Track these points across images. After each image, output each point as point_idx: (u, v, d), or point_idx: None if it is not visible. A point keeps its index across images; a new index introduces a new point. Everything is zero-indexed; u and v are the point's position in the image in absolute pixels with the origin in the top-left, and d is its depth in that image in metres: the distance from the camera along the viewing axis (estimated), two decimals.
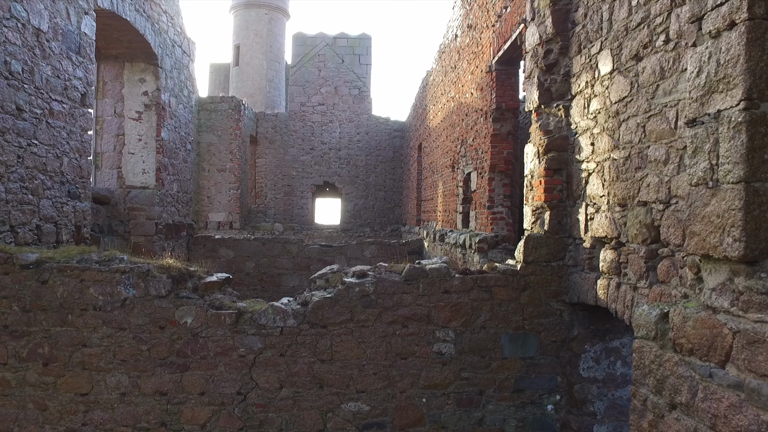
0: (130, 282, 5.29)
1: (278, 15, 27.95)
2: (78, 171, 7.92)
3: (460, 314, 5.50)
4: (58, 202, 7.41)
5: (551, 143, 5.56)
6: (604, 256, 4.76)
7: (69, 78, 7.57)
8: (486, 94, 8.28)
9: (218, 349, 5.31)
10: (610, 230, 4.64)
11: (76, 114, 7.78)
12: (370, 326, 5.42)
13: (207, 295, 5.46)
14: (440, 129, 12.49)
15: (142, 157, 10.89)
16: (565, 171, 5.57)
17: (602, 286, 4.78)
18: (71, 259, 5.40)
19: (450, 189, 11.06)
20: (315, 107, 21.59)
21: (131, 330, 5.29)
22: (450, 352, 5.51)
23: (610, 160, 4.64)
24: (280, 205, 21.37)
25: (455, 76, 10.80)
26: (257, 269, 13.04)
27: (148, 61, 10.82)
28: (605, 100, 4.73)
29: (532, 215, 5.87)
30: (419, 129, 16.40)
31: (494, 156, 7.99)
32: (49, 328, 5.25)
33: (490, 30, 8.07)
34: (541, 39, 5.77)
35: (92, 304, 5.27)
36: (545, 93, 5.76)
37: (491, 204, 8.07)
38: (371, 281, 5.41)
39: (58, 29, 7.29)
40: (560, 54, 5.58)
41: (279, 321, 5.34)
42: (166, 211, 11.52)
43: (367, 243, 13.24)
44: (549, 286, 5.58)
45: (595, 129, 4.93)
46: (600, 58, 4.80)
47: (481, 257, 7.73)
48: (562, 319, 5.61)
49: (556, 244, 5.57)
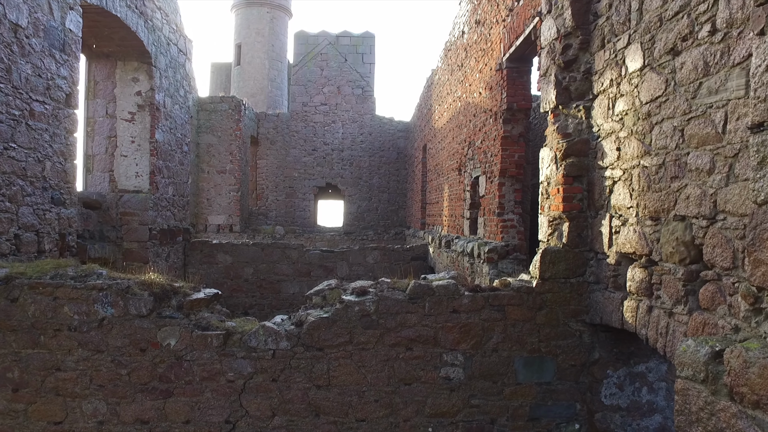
0: (108, 300, 4.82)
1: (280, 13, 27.46)
2: (62, 176, 7.45)
3: (469, 336, 5.00)
4: (39, 209, 6.94)
5: (570, 147, 5.06)
6: (632, 275, 4.26)
7: (52, 77, 7.10)
8: (496, 93, 7.78)
9: (204, 373, 4.84)
10: (639, 246, 4.14)
11: (60, 115, 7.31)
12: (371, 349, 4.93)
13: (193, 313, 4.98)
14: (446, 130, 11.98)
15: (135, 159, 10.42)
16: (586, 178, 5.07)
17: (630, 308, 4.28)
18: (44, 274, 4.93)
19: (456, 193, 10.56)
20: (317, 107, 21.08)
21: (109, 352, 4.82)
22: (459, 377, 5.01)
23: (640, 168, 4.15)
24: (281, 208, 20.87)
25: (462, 75, 10.30)
26: (256, 275, 12.57)
27: (142, 59, 10.34)
28: (634, 100, 4.23)
29: (548, 226, 5.37)
30: (424, 130, 15.89)
31: (505, 160, 7.48)
32: (20, 350, 4.79)
33: (501, 25, 7.57)
34: (558, 33, 5.27)
35: (67, 324, 4.80)
36: (563, 92, 5.26)
37: (501, 211, 7.57)
38: (372, 299, 4.91)
39: (39, 25, 6.82)
40: (580, 49, 5.09)
41: (271, 343, 4.85)
42: (161, 215, 11.05)
43: (369, 248, 12.75)
44: (568, 304, 5.08)
45: (622, 132, 4.43)
46: (628, 54, 4.30)
47: (490, 268, 7.22)
48: (582, 341, 5.11)
49: (576, 259, 5.07)
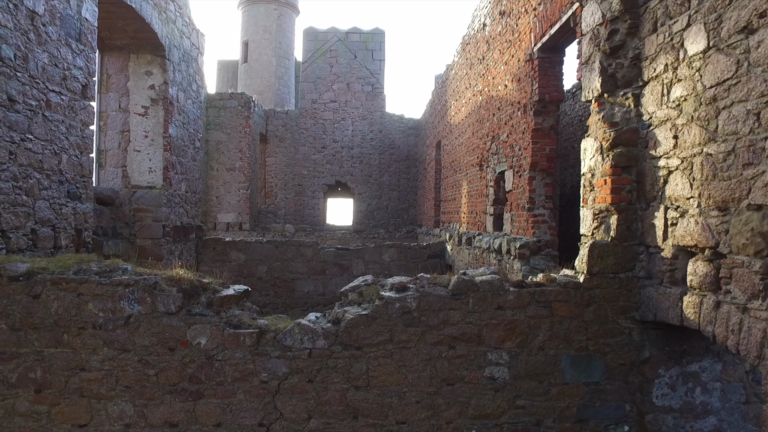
0: (134, 296, 4.58)
1: (287, 10, 27.23)
2: (78, 169, 7.22)
3: (515, 333, 4.76)
4: (56, 203, 6.71)
5: (619, 137, 4.81)
6: (694, 269, 4.01)
7: (68, 67, 6.87)
8: (525, 85, 7.53)
9: (237, 374, 4.60)
10: (702, 238, 3.90)
11: (76, 107, 7.08)
12: (412, 348, 4.69)
13: (223, 311, 4.74)
14: (464, 125, 11.74)
15: (148, 154, 10.18)
16: (635, 168, 4.82)
17: (692, 303, 4.03)
18: (67, 269, 4.69)
19: (477, 189, 10.31)
20: (327, 104, 20.82)
21: (136, 352, 4.58)
22: (503, 376, 4.77)
23: (703, 156, 3.90)
24: (290, 206, 20.63)
25: (483, 69, 10.05)
26: (270, 274, 12.34)
27: (155, 52, 10.11)
28: (695, 85, 3.99)
29: (593, 219, 5.13)
30: (438, 126, 15.64)
31: (535, 153, 7.24)
32: (42, 349, 4.55)
33: (531, 14, 7.32)
34: (604, 18, 5.03)
35: (91, 321, 4.56)
36: (609, 80, 5.02)
37: (532, 205, 7.32)
38: (414, 296, 4.67)
39: (56, 13, 6.59)
40: (628, 34, 4.84)
41: (307, 342, 4.62)
42: (174, 212, 10.82)
43: (385, 246, 12.51)
44: (616, 300, 4.83)
45: (679, 119, 4.19)
46: (688, 36, 4.06)
47: (522, 264, 6.98)
48: (632, 339, 4.87)
49: (625, 253, 4.83)
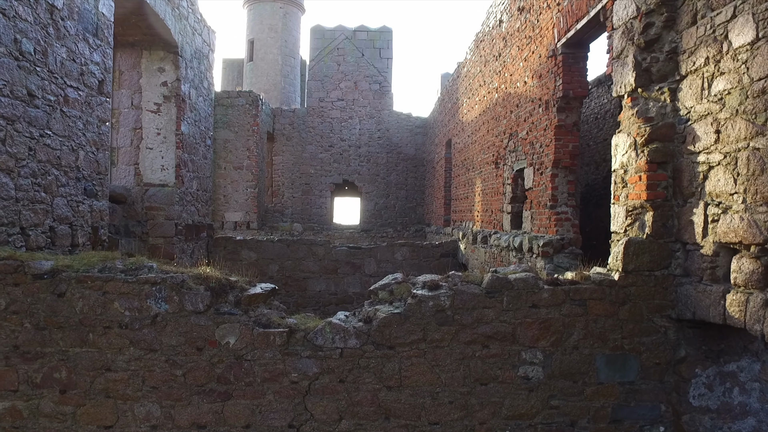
0: (161, 295, 4.49)
1: (293, 9, 27.13)
2: (95, 166, 7.13)
3: (549, 332, 4.66)
4: (73, 200, 6.62)
5: (654, 132, 4.71)
6: (739, 266, 3.92)
7: (85, 62, 6.78)
8: (547, 81, 7.43)
9: (266, 374, 4.50)
10: (748, 235, 3.80)
11: (93, 102, 6.99)
12: (445, 347, 4.59)
13: (251, 309, 4.64)
14: (478, 123, 11.63)
15: (160, 152, 10.09)
16: (671, 164, 4.72)
17: (736, 302, 3.94)
18: (92, 267, 4.60)
19: (493, 187, 10.21)
20: (334, 103, 20.72)
21: (163, 351, 4.49)
22: (538, 376, 4.67)
23: (750, 150, 3.80)
24: (297, 205, 20.53)
25: (500, 65, 9.95)
26: (281, 272, 12.24)
27: (168, 49, 10.01)
28: (741, 78, 3.89)
29: (626, 216, 5.03)
30: (448, 124, 15.53)
31: (558, 150, 7.14)
32: (67, 348, 4.45)
33: (554, 10, 7.22)
34: (638, 11, 4.93)
35: (117, 320, 4.47)
36: (643, 74, 4.92)
37: (554, 203, 7.22)
38: (447, 294, 4.58)
39: (74, 7, 6.50)
40: (664, 28, 4.74)
41: (339, 341, 4.52)
42: (186, 210, 10.73)
43: (398, 245, 12.41)
44: (652, 299, 4.73)
45: (722, 113, 4.08)
46: (733, 27, 3.96)
47: (546, 263, 6.88)
48: (667, 338, 4.77)
49: (661, 250, 4.73)
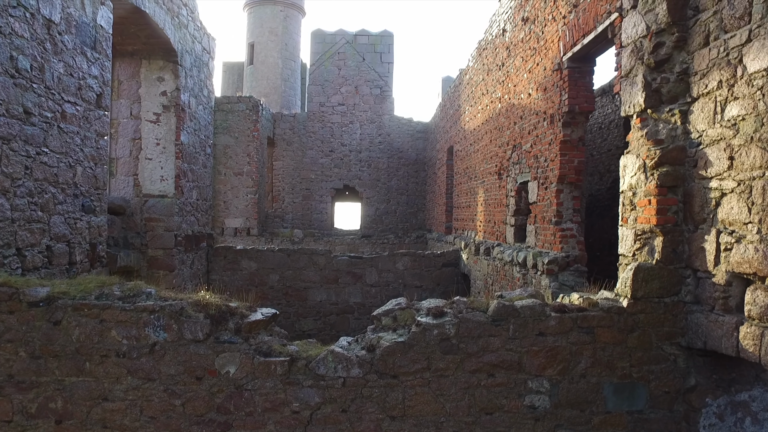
0: (160, 323, 4.38)
1: (294, 12, 27.01)
2: (93, 181, 7.02)
3: (556, 360, 4.56)
4: (70, 217, 6.51)
5: (665, 155, 4.60)
6: (753, 298, 3.81)
7: (83, 76, 6.67)
8: (552, 95, 7.32)
9: (267, 404, 4.39)
10: (763, 267, 3.69)
11: (90, 117, 6.88)
12: (450, 376, 4.49)
13: (252, 337, 4.53)
14: (481, 132, 11.52)
15: (160, 162, 9.98)
16: (682, 188, 4.61)
17: (750, 335, 3.83)
18: (89, 294, 4.49)
19: (496, 198, 10.11)
20: (335, 107, 20.60)
21: (162, 381, 4.38)
22: (544, 405, 4.57)
23: (765, 180, 3.69)
24: (298, 210, 20.42)
25: (503, 75, 9.84)
26: (282, 282, 12.14)
27: (167, 58, 9.91)
28: (756, 104, 3.78)
29: (635, 240, 4.92)
30: (450, 131, 15.43)
31: (563, 165, 7.03)
32: (63, 378, 4.35)
33: (559, 22, 7.11)
34: (648, 30, 4.82)
35: (114, 349, 4.36)
36: (653, 95, 4.81)
37: (559, 219, 7.11)
38: (452, 322, 4.47)
39: (72, 21, 6.39)
40: (675, 48, 4.63)
41: (341, 370, 4.41)
42: (186, 221, 10.62)
43: (399, 255, 12.30)
44: (661, 326, 4.63)
45: (736, 139, 3.98)
46: (748, 52, 3.85)
47: (551, 281, 6.78)
48: (677, 366, 4.66)
49: (671, 277, 4.62)
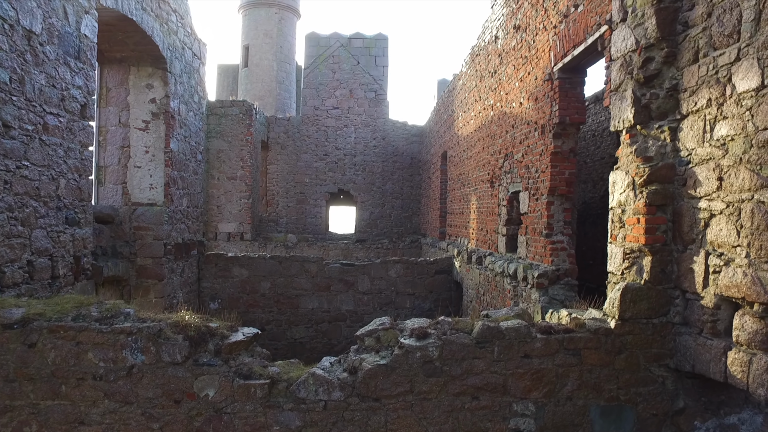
0: (137, 346, 4.28)
1: (288, 14, 26.89)
2: (77, 193, 6.92)
3: (542, 383, 4.47)
4: (53, 231, 6.41)
5: (654, 173, 4.52)
6: (741, 324, 3.73)
7: (66, 87, 6.57)
8: (543, 105, 7.24)
9: (247, 427, 4.30)
10: (752, 292, 3.61)
11: (74, 128, 6.78)
12: (433, 398, 4.40)
13: (232, 358, 4.44)
14: (474, 139, 11.44)
15: (149, 170, 9.87)
16: (671, 207, 4.53)
17: (738, 361, 3.75)
18: (65, 315, 4.39)
19: (488, 207, 10.02)
20: (329, 111, 20.50)
21: (139, 404, 4.29)
22: (530, 428, 4.48)
23: (754, 203, 3.61)
24: (292, 214, 20.31)
25: (495, 83, 9.75)
26: (273, 290, 12.04)
27: (156, 65, 9.80)
28: (745, 125, 3.69)
29: (624, 259, 4.83)
30: (444, 136, 15.34)
31: (554, 177, 6.94)
32: (38, 401, 4.25)
33: (550, 32, 7.02)
34: (638, 44, 4.73)
35: (91, 372, 4.26)
36: (642, 110, 4.72)
37: (550, 232, 7.02)
38: (436, 344, 4.38)
39: (54, 31, 6.29)
40: (664, 63, 4.55)
41: (322, 393, 4.32)
42: (176, 229, 10.51)
43: (392, 262, 12.20)
44: (650, 347, 4.55)
45: (725, 160, 3.89)
46: (737, 71, 3.77)
47: (541, 294, 6.69)
48: (665, 388, 4.58)
49: (659, 297, 4.54)
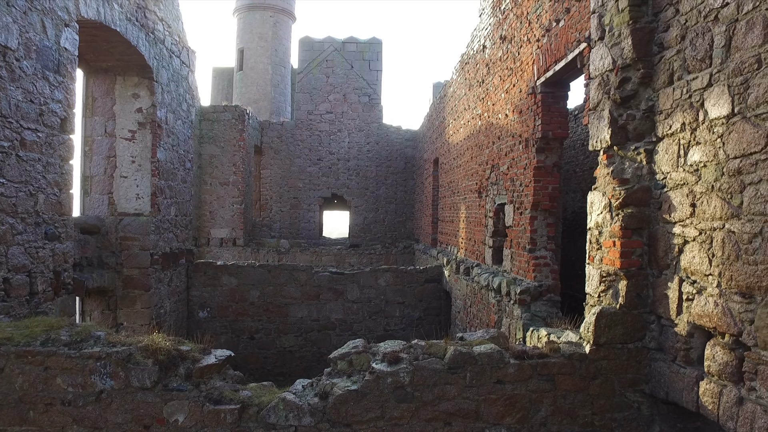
0: (107, 371, 4.24)
1: (283, 17, 26.83)
2: (57, 207, 6.87)
3: (515, 409, 4.42)
4: (32, 247, 6.36)
5: (630, 196, 4.47)
6: (713, 354, 3.68)
7: (45, 101, 6.52)
8: (527, 118, 7.19)
9: None
10: (722, 323, 3.56)
11: (54, 142, 6.73)
12: (404, 424, 4.35)
13: (203, 382, 4.39)
14: (463, 147, 11.39)
15: (135, 180, 9.83)
16: (647, 231, 4.48)
17: (709, 392, 3.70)
18: (34, 339, 4.35)
19: (476, 217, 9.97)
20: (323, 115, 20.45)
21: (108, 430, 4.25)
22: None
23: (725, 232, 3.56)
24: (285, 219, 20.26)
25: (483, 92, 9.70)
26: (262, 298, 12.00)
27: (143, 74, 9.75)
28: (716, 152, 3.65)
29: (600, 282, 4.79)
30: (436, 142, 15.30)
31: (537, 192, 6.89)
32: (5, 427, 4.21)
33: (533, 45, 6.97)
34: (615, 64, 4.68)
35: (60, 397, 4.22)
36: (619, 131, 4.68)
37: (533, 247, 6.98)
38: (407, 369, 4.33)
39: (32, 45, 6.23)
40: (641, 84, 4.50)
41: (292, 419, 4.27)
42: (163, 238, 10.46)
43: (381, 270, 12.16)
44: (624, 373, 4.50)
45: (698, 186, 3.85)
46: (708, 96, 3.72)
47: (523, 311, 6.64)
48: (641, 414, 4.53)
49: (635, 322, 4.49)
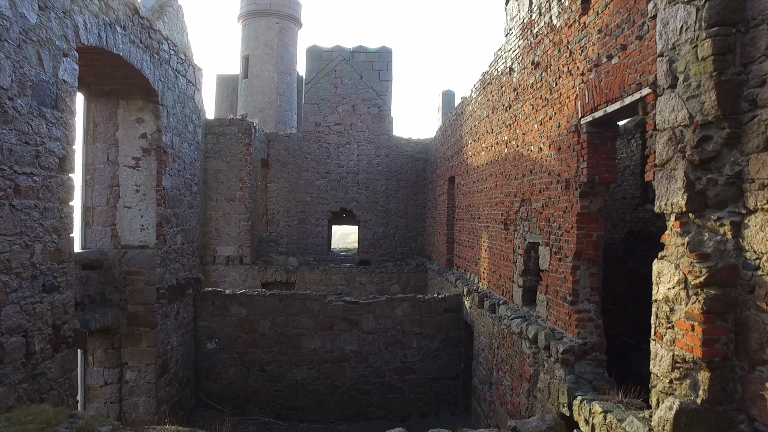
0: None
1: (290, 24, 26.19)
2: (56, 256, 6.28)
3: None
4: (28, 303, 5.77)
5: (713, 276, 3.86)
6: None
7: (42, 141, 5.92)
8: (567, 157, 6.58)
9: None
10: None
11: (52, 185, 6.14)
12: None
13: None
14: (485, 173, 10.77)
15: (140, 210, 9.24)
16: (732, 316, 3.88)
17: None
18: None
19: (501, 250, 9.37)
20: (331, 127, 19.83)
21: None
22: None
23: None
24: (293, 234, 19.65)
25: (510, 118, 9.09)
26: (273, 329, 11.42)
27: (147, 98, 9.16)
28: None
29: (673, 367, 4.18)
30: (451, 160, 14.67)
31: (581, 240, 6.29)
32: None
33: (576, 78, 6.36)
34: (692, 119, 4.07)
35: None
36: (696, 197, 4.07)
37: (575, 299, 6.38)
38: None
39: (27, 81, 5.64)
40: (725, 145, 3.89)
41: None
42: (170, 270, 9.88)
43: (398, 300, 11.57)
44: None
45: None
46: None
47: (566, 372, 6.04)
48: None
49: (719, 421, 3.88)
